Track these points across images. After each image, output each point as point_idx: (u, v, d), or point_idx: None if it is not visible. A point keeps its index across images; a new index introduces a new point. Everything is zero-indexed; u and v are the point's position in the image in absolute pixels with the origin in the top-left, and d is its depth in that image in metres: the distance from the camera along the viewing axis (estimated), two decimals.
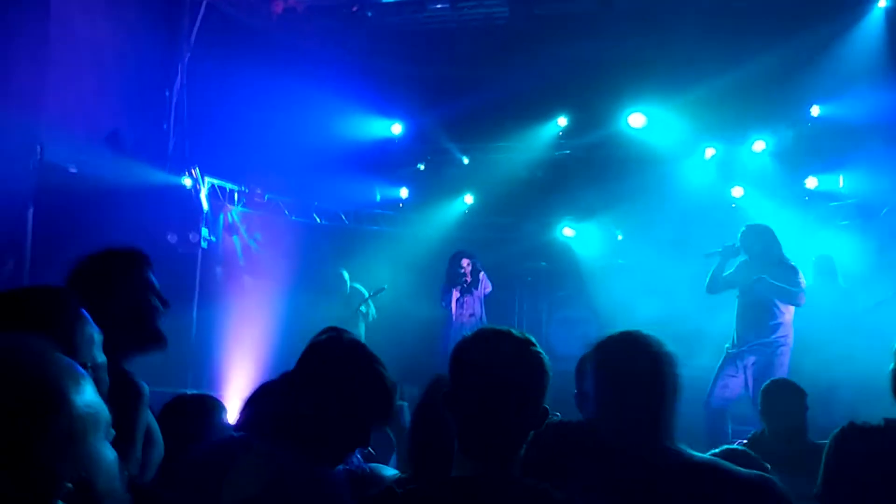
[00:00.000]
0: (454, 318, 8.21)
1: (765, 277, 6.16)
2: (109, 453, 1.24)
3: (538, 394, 1.74)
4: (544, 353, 1.79)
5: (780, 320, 6.23)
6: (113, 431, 1.29)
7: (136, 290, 2.29)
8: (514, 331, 1.81)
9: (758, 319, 6.26)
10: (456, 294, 8.23)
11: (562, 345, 9.57)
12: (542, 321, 10.49)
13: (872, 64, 7.68)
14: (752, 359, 6.24)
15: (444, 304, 8.29)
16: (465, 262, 8.22)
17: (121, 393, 2.06)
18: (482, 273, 8.39)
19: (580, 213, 10.05)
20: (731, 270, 6.56)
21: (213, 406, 2.84)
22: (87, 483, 1.17)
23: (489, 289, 8.42)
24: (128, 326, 2.20)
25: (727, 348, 6.44)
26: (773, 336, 6.21)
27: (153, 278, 2.32)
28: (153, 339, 2.29)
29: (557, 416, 2.45)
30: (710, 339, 6.97)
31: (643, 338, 2.02)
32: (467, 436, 1.72)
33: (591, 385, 2.03)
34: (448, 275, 8.26)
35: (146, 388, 2.18)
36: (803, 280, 6.24)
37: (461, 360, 1.77)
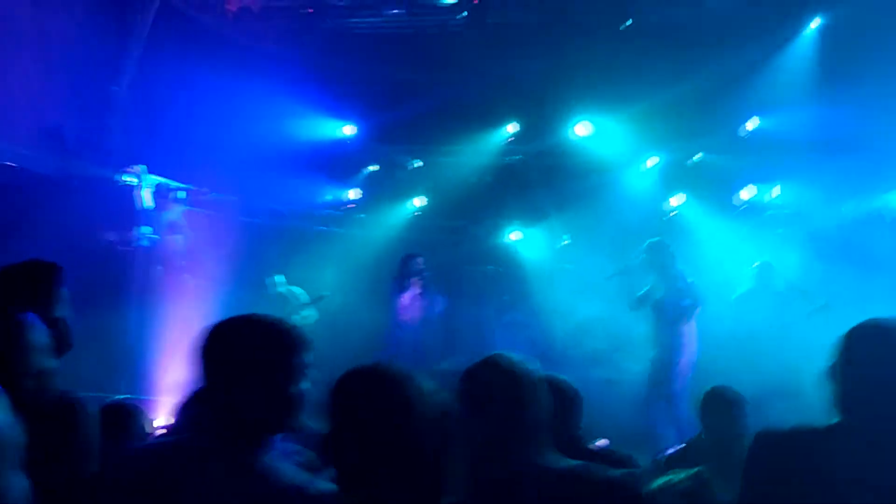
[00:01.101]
0: (400, 317, 8.24)
1: (683, 306, 6.72)
2: (18, 481, 1.21)
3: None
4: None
5: (674, 327, 6.68)
6: (24, 455, 1.25)
7: (57, 303, 2.36)
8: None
9: (658, 328, 6.78)
10: (409, 295, 8.27)
11: (507, 348, 9.76)
12: (489, 325, 10.61)
13: (806, 80, 7.99)
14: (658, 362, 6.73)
15: (395, 299, 8.28)
16: (419, 260, 8.34)
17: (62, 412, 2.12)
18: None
19: (528, 218, 10.22)
20: (647, 288, 6.92)
21: (132, 412, 2.87)
22: None
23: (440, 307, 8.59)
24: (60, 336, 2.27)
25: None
26: (667, 341, 6.69)
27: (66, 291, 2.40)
28: (67, 347, 2.36)
29: None
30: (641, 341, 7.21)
31: (505, 360, 2.15)
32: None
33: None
34: (400, 274, 8.29)
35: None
36: (700, 294, 6.69)
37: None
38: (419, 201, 10.55)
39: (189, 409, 2.70)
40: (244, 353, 1.93)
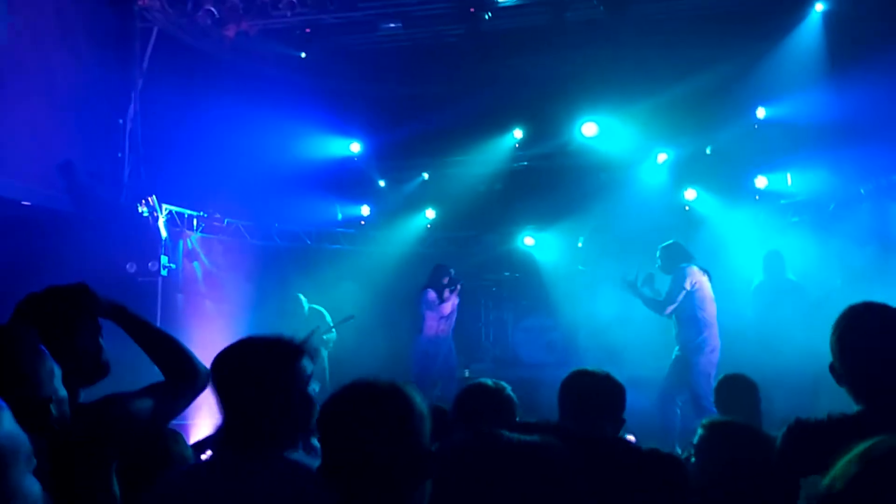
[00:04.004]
0: (427, 330, 8.27)
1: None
2: (32, 486, 1.22)
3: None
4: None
5: (692, 327, 6.68)
6: (35, 462, 1.27)
7: (87, 330, 2.33)
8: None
9: (678, 328, 6.80)
10: (452, 298, 8.33)
11: (528, 353, 9.75)
12: (508, 330, 10.60)
13: (812, 66, 7.94)
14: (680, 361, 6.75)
15: (426, 310, 8.28)
16: (448, 275, 8.41)
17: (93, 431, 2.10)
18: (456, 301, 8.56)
19: (540, 223, 10.20)
20: (668, 290, 6.93)
21: (173, 438, 2.85)
22: None
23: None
24: (80, 363, 2.22)
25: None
26: (687, 341, 6.69)
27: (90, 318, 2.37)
28: (101, 372, 2.33)
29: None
30: (669, 340, 7.16)
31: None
32: None
33: None
34: (434, 283, 8.33)
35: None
36: (677, 290, 6.65)
37: None
38: (430, 213, 10.55)
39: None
40: (251, 369, 2.10)
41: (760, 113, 8.80)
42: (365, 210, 10.61)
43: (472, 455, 1.57)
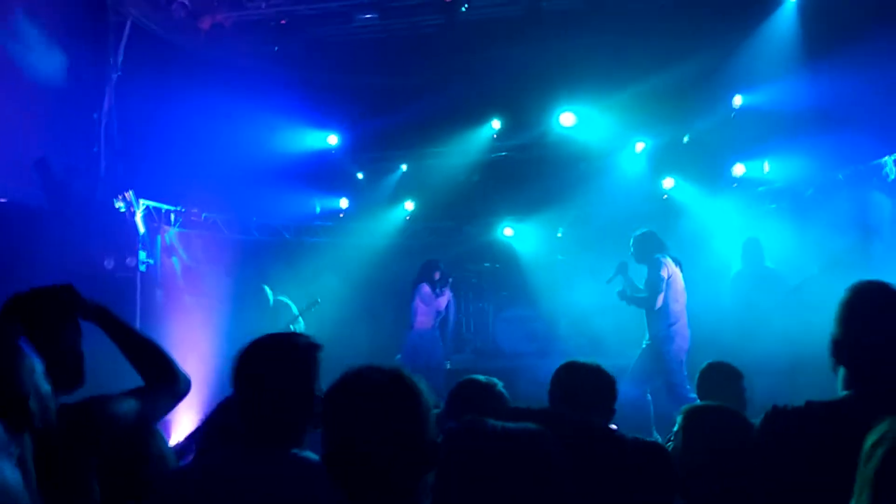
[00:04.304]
0: (419, 325, 8.25)
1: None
2: (9, 473, 1.24)
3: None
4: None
5: (663, 318, 6.74)
6: (15, 451, 1.28)
7: (70, 332, 2.31)
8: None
9: (649, 318, 6.87)
10: (445, 294, 8.32)
11: (509, 343, 9.79)
12: (489, 321, 10.63)
13: (788, 54, 7.99)
14: (649, 350, 6.84)
15: (424, 302, 8.23)
16: (439, 269, 8.37)
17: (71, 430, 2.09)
18: (451, 297, 8.56)
19: (519, 213, 10.24)
20: (645, 279, 6.97)
21: (148, 433, 2.84)
22: None
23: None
24: (61, 366, 2.21)
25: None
26: (658, 331, 6.76)
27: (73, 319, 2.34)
28: (78, 380, 2.30)
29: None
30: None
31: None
32: None
33: None
34: (426, 278, 8.29)
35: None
36: (658, 280, 6.71)
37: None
38: (409, 205, 10.55)
39: (215, 422, 2.73)
40: (275, 370, 2.14)
41: (737, 101, 8.86)
42: (343, 203, 10.58)
43: (463, 442, 1.58)
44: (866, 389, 2.16)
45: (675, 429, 2.58)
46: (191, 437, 3.20)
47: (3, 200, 6.11)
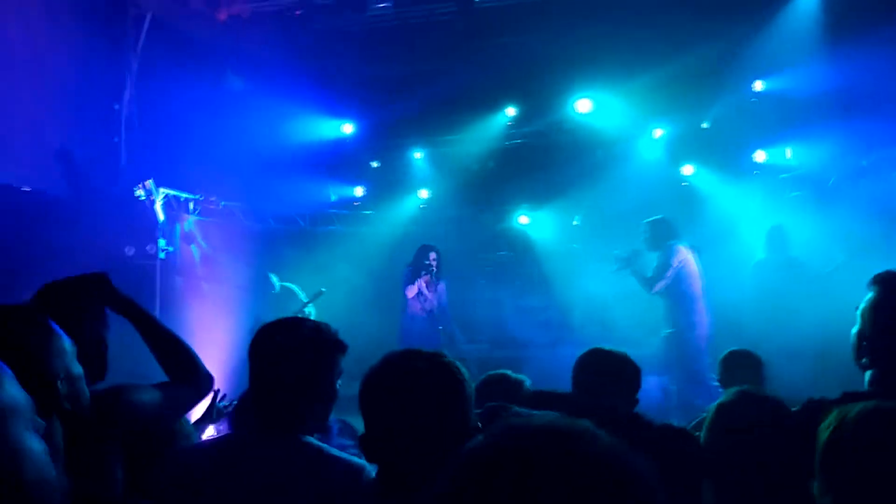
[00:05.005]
0: (410, 309, 8.08)
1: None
2: (35, 444, 1.26)
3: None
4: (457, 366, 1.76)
5: (682, 305, 6.73)
6: (40, 425, 1.32)
7: (99, 322, 2.36)
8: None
9: (667, 307, 6.84)
10: (420, 284, 8.05)
11: (523, 332, 9.80)
12: (504, 310, 10.64)
13: (809, 38, 7.85)
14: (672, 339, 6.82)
15: (405, 290, 8.07)
16: (432, 255, 8.12)
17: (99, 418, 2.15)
18: (444, 290, 8.27)
19: (535, 201, 10.22)
20: (654, 266, 6.97)
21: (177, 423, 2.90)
22: (11, 472, 1.16)
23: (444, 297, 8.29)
24: (88, 356, 2.24)
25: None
26: (679, 319, 6.74)
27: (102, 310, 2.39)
28: (100, 372, 2.34)
29: None
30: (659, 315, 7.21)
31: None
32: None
33: None
34: (414, 263, 8.12)
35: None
36: (665, 268, 6.67)
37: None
38: (424, 193, 10.57)
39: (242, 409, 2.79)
40: (294, 352, 2.11)
41: (758, 86, 8.70)
42: (359, 191, 10.62)
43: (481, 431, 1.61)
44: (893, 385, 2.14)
45: (712, 411, 2.51)
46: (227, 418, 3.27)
47: (26, 189, 6.23)
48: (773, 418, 2.28)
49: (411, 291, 8.07)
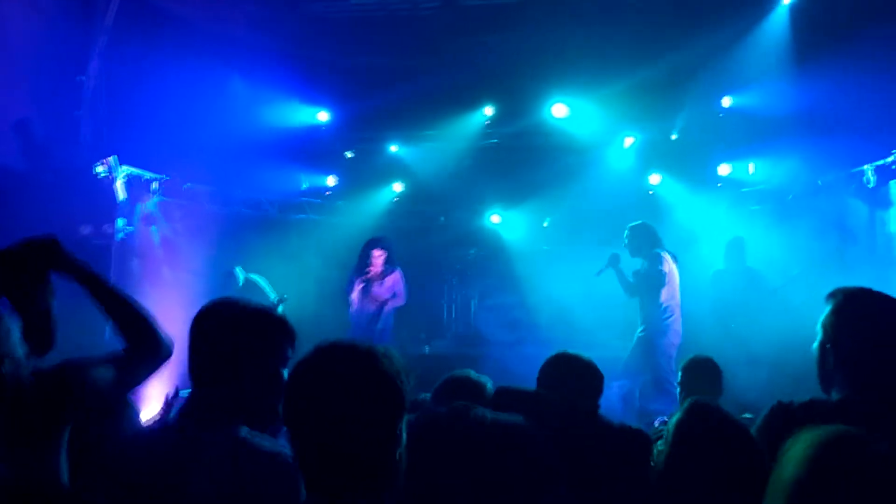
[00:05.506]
0: (352, 310, 7.76)
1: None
2: None
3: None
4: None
5: (660, 310, 6.72)
6: None
7: (47, 294, 2.24)
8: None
9: (645, 309, 6.84)
10: (359, 285, 7.70)
11: (490, 330, 9.79)
12: (472, 308, 10.62)
13: (779, 57, 8.01)
14: (643, 342, 6.82)
15: (347, 292, 7.80)
16: (375, 252, 7.74)
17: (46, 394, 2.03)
18: (398, 279, 7.82)
19: (507, 201, 10.20)
20: (636, 271, 7.00)
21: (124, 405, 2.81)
22: None
23: (401, 302, 7.87)
24: (32, 328, 2.12)
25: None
26: (653, 323, 6.75)
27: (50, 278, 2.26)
28: (48, 345, 2.24)
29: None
30: (631, 320, 7.23)
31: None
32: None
33: None
34: (357, 263, 7.85)
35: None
36: (659, 274, 6.68)
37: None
38: (398, 187, 10.48)
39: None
40: (231, 330, 2.01)
41: (726, 102, 8.90)
42: (331, 181, 10.50)
43: (445, 429, 1.55)
44: (863, 395, 2.18)
45: (675, 421, 2.45)
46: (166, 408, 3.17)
47: None
48: (723, 434, 2.26)
49: (352, 291, 7.79)
